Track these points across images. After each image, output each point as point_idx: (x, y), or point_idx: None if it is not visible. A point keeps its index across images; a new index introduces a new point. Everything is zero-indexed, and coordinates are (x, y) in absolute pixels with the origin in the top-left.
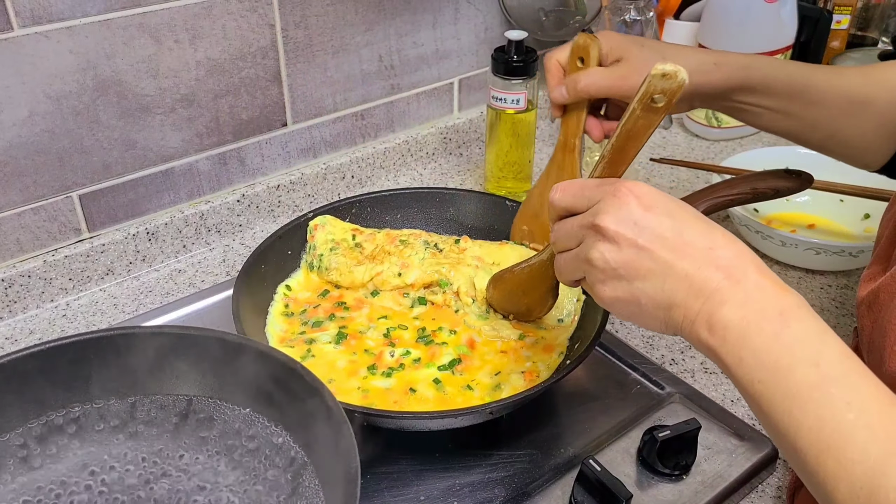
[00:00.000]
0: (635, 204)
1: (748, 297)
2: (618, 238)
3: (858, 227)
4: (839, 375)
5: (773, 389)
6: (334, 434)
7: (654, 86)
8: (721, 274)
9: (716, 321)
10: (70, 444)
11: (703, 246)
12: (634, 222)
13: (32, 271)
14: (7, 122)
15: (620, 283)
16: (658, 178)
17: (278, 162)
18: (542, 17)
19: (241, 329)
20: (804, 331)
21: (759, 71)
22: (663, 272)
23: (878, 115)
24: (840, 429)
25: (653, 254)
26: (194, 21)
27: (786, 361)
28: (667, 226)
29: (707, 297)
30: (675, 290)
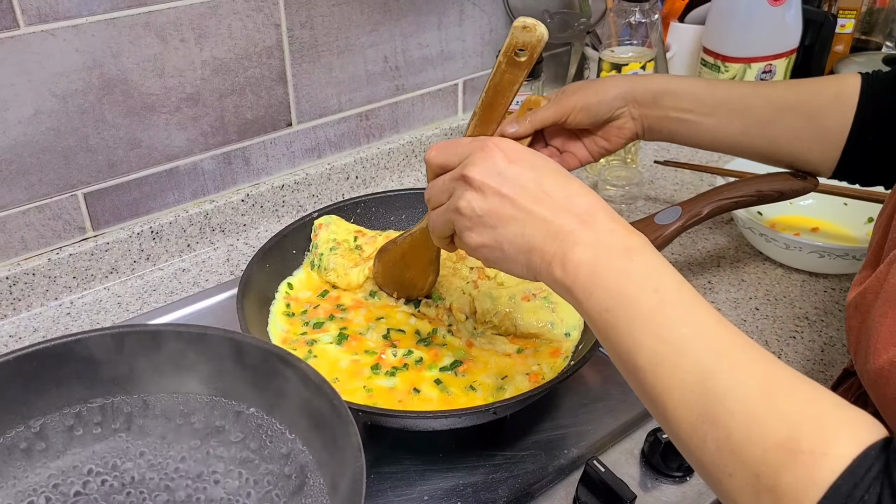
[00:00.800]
0: (500, 157)
1: (598, 238)
2: (483, 187)
3: (862, 231)
4: (676, 299)
5: (619, 316)
6: (340, 433)
7: (515, 38)
8: (575, 219)
9: (569, 260)
10: (73, 442)
11: (560, 195)
12: (499, 173)
13: (37, 269)
14: (13, 120)
15: (485, 229)
16: (662, 179)
17: (283, 162)
18: (546, 19)
19: (245, 328)
20: (647, 264)
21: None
22: (524, 219)
23: (802, 116)
24: (676, 342)
25: (515, 202)
26: (200, 20)
27: (630, 290)
28: (529, 177)
29: (562, 240)
30: (534, 235)
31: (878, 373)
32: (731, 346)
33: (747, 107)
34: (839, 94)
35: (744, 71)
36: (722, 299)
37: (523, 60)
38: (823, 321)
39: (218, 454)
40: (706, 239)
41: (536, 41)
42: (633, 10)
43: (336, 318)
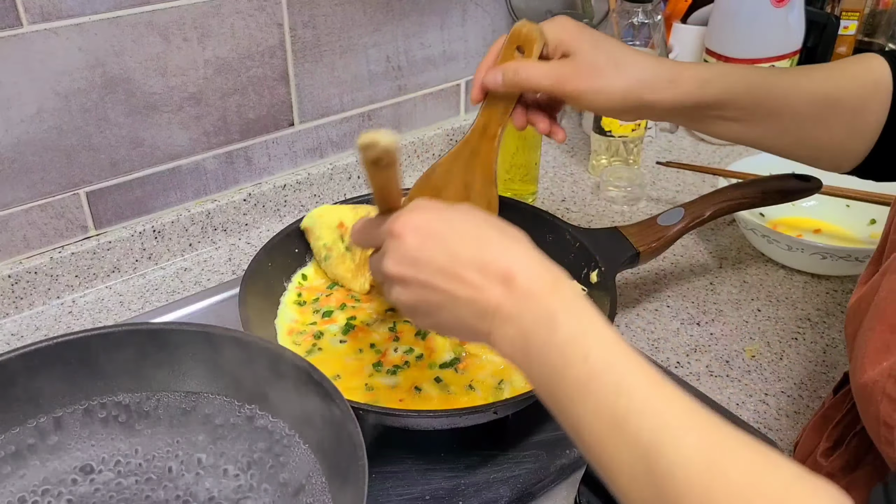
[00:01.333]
0: (411, 239)
1: (520, 307)
2: (403, 280)
3: (864, 232)
4: (607, 364)
5: (558, 393)
6: (341, 432)
7: (365, 155)
8: (498, 289)
9: (501, 339)
10: (75, 440)
11: (475, 266)
12: (413, 260)
13: (39, 268)
14: (15, 119)
15: (423, 317)
16: (664, 181)
17: (285, 161)
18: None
19: (247, 327)
20: (572, 329)
21: (716, 85)
22: (451, 302)
23: (846, 112)
24: (613, 418)
25: (436, 288)
26: (203, 20)
27: (559, 363)
28: (441, 255)
29: (491, 318)
30: (467, 316)
31: (863, 388)
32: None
33: (787, 106)
34: (876, 83)
35: None
36: (724, 300)
37: (387, 163)
38: (825, 323)
39: (219, 453)
40: (708, 240)
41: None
42: (636, 11)
43: (347, 308)
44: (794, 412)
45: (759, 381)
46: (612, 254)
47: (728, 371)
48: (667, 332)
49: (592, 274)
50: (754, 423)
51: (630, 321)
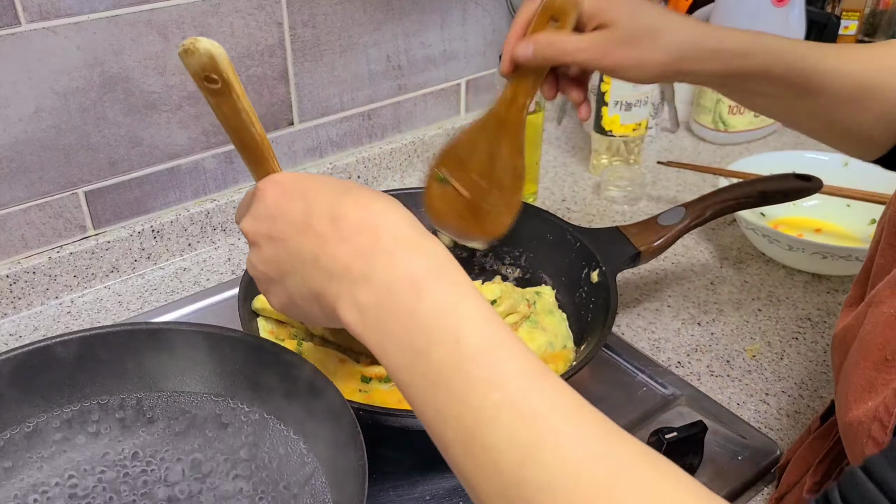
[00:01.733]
0: (271, 194)
1: (377, 268)
2: (256, 237)
3: (865, 232)
4: (480, 350)
5: (417, 377)
6: (342, 432)
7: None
8: (348, 246)
9: (353, 304)
10: (74, 440)
11: (327, 217)
12: (269, 214)
13: (37, 268)
14: (13, 118)
15: (275, 285)
16: (665, 180)
17: (284, 161)
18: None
19: (246, 327)
20: (440, 301)
21: (759, 58)
22: (300, 261)
23: (881, 102)
24: (484, 414)
25: (286, 243)
26: (202, 18)
27: (423, 342)
28: (298, 208)
29: (340, 278)
30: (312, 278)
31: (848, 427)
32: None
33: (823, 89)
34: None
35: None
36: (724, 300)
37: (220, 87)
38: (826, 322)
39: (220, 453)
40: (709, 240)
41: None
42: None
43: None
44: (794, 412)
45: (759, 381)
46: (613, 253)
47: (729, 371)
48: (667, 331)
49: (593, 273)
50: (755, 423)
51: (631, 321)
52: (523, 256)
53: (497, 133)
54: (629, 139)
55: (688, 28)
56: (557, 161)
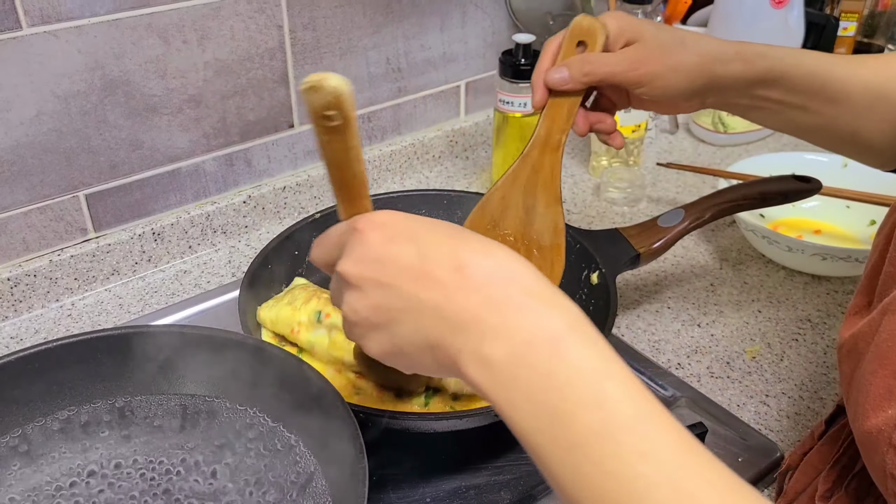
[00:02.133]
0: (376, 237)
1: (510, 323)
2: (361, 281)
3: (864, 233)
4: (629, 418)
5: (554, 439)
6: (342, 435)
7: (310, 102)
8: (476, 297)
9: (480, 358)
10: (75, 443)
11: (450, 266)
12: (375, 258)
13: (38, 271)
14: (14, 121)
15: (379, 332)
16: (664, 182)
17: (285, 163)
18: (549, 21)
19: (246, 330)
20: (582, 362)
21: (781, 62)
22: (414, 309)
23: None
24: (634, 487)
25: (399, 289)
26: (202, 22)
27: (564, 406)
28: (410, 253)
29: (465, 330)
30: (430, 327)
31: (866, 436)
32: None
33: (844, 94)
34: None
35: None
36: (724, 301)
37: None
38: (826, 324)
39: (219, 456)
40: (709, 241)
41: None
42: (636, 13)
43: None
44: (794, 413)
45: (759, 383)
46: (613, 255)
47: (729, 372)
48: (667, 333)
49: (593, 275)
50: (755, 425)
51: (631, 322)
52: None
53: (531, 181)
54: (629, 141)
55: (711, 38)
56: None
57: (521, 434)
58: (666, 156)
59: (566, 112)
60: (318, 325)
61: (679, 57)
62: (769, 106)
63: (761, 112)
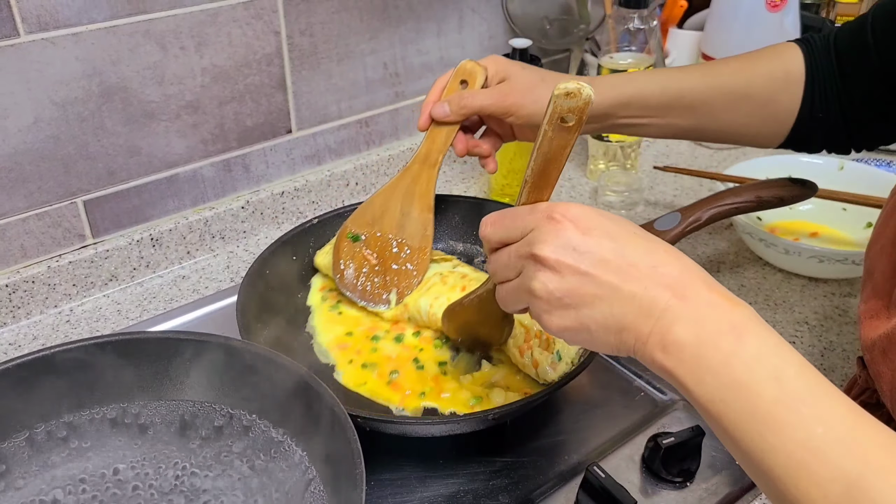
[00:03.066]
0: (572, 228)
1: (699, 313)
2: (559, 266)
3: (861, 236)
4: (802, 390)
5: (737, 409)
6: (339, 440)
7: (559, 105)
8: (669, 292)
9: (669, 341)
10: (73, 450)
11: (647, 265)
12: (574, 248)
13: (36, 277)
14: (12, 129)
15: (567, 311)
16: (662, 185)
17: (283, 169)
18: (546, 26)
19: (244, 335)
20: (760, 345)
21: (630, 86)
22: (610, 296)
23: (756, 103)
24: (811, 446)
25: (597, 278)
26: (200, 28)
27: (746, 378)
28: (608, 248)
29: (657, 318)
30: (624, 313)
31: None
32: (873, 445)
33: (701, 101)
34: (787, 75)
35: None
36: None
37: (572, 125)
38: (823, 326)
39: (217, 461)
40: (706, 244)
41: (584, 104)
42: (632, 17)
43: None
44: None
45: None
46: None
47: None
48: None
49: None
50: None
51: None
52: None
53: (410, 190)
54: (626, 144)
55: (566, 76)
56: None
57: (704, 405)
58: (663, 159)
59: (444, 137)
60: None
61: (538, 91)
62: (633, 124)
63: (631, 128)
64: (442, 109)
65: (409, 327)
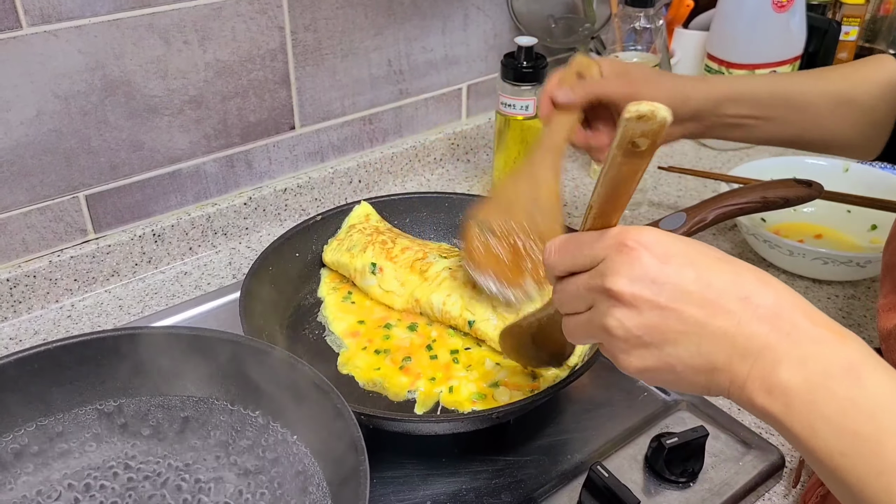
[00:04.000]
0: (648, 256)
1: (805, 352)
2: (636, 301)
3: (865, 238)
4: None
5: (860, 464)
6: (343, 437)
7: (631, 129)
8: (766, 326)
9: (773, 384)
10: (73, 445)
11: (736, 296)
12: (652, 279)
13: (38, 271)
14: (14, 122)
15: (648, 350)
16: (665, 185)
17: (286, 165)
18: (551, 24)
19: (248, 331)
20: (880, 388)
21: (742, 81)
22: (696, 333)
23: (863, 111)
24: None
25: (680, 313)
26: (204, 22)
27: (869, 430)
28: (689, 277)
29: (755, 357)
30: (715, 352)
31: None
32: None
33: (808, 104)
34: (888, 83)
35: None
36: None
37: (644, 149)
38: None
39: (220, 457)
40: (710, 245)
41: (658, 128)
42: (638, 16)
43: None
44: None
45: None
46: None
47: None
48: None
49: None
50: (756, 429)
51: None
52: None
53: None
54: None
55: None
56: None
57: (820, 457)
58: (667, 160)
59: (567, 123)
60: (372, 276)
61: (661, 80)
62: (741, 121)
63: (734, 129)
64: (565, 93)
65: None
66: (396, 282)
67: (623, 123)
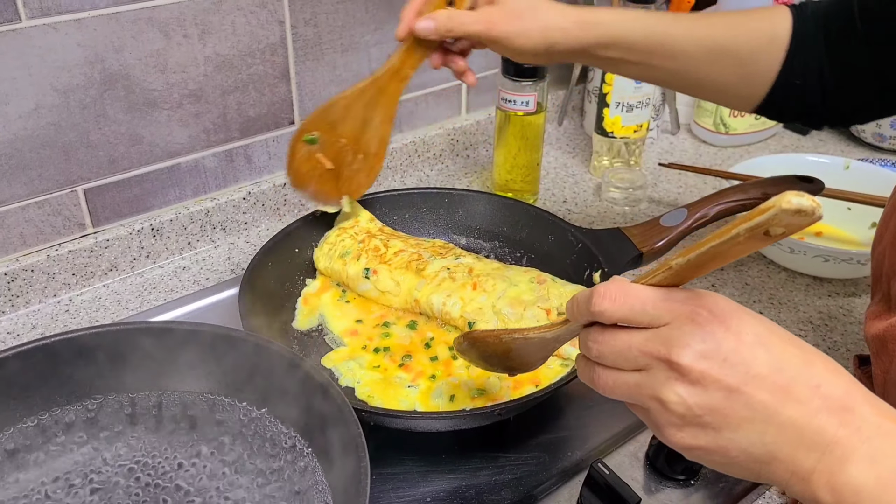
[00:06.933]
0: (722, 332)
1: (875, 449)
2: (703, 379)
3: (866, 235)
4: None
5: None
6: (343, 433)
7: (779, 219)
8: (835, 419)
9: (841, 483)
10: (71, 440)
11: (808, 384)
12: (724, 358)
13: (36, 265)
14: (13, 115)
15: (703, 431)
16: (665, 182)
17: (285, 160)
18: None
19: (247, 326)
20: None
21: (616, 26)
22: (763, 421)
23: (740, 62)
24: None
25: (749, 398)
26: (204, 16)
27: None
28: (762, 360)
29: (823, 452)
30: (780, 443)
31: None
32: None
33: (682, 50)
34: (772, 36)
35: None
36: None
37: (774, 237)
38: (827, 325)
39: (219, 454)
40: None
41: (807, 224)
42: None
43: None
44: None
45: None
46: (615, 255)
47: None
48: None
49: (595, 275)
50: None
51: None
52: (525, 258)
53: (375, 100)
54: (630, 141)
55: (559, 7)
56: (558, 162)
57: None
58: (667, 156)
59: (420, 53)
60: (366, 280)
61: (526, 24)
62: (612, 63)
63: (608, 67)
64: (426, 26)
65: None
66: (392, 281)
67: (774, 212)
